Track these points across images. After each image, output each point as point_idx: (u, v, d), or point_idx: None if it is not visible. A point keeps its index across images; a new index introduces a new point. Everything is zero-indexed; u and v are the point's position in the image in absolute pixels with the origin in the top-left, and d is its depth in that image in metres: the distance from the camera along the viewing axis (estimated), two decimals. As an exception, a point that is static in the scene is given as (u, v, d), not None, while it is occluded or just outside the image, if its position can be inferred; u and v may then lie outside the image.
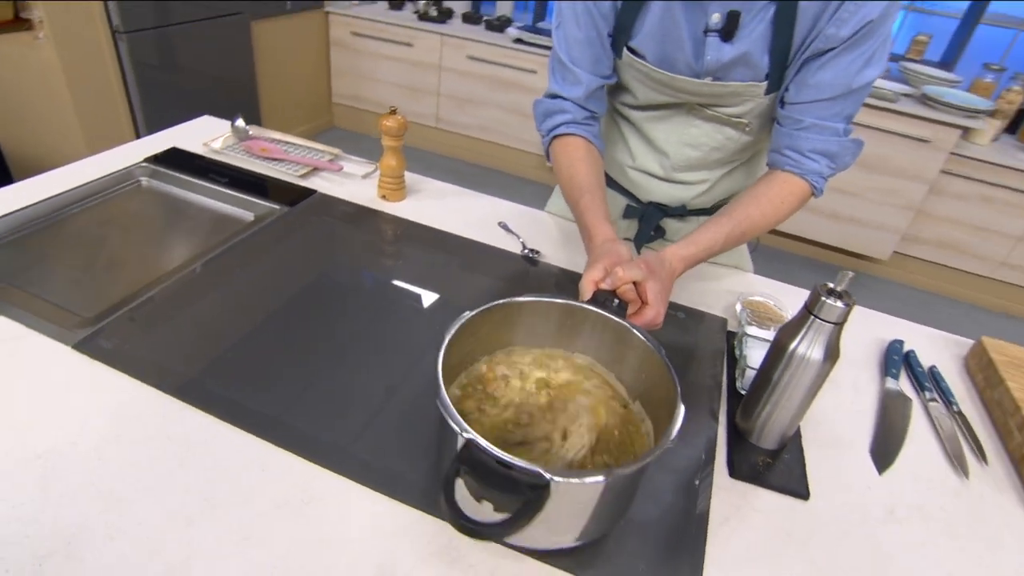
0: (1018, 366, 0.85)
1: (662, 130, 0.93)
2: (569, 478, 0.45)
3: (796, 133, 0.82)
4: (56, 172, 1.04)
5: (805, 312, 0.63)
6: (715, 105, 0.87)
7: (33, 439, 0.59)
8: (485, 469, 0.46)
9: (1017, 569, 0.62)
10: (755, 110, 0.86)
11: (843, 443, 0.74)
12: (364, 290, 0.90)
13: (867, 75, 0.77)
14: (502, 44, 3.15)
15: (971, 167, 2.63)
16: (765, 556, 0.59)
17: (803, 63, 0.78)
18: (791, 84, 0.81)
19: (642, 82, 0.88)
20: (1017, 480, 0.72)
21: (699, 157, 0.94)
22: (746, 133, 0.90)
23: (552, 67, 0.90)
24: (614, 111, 0.99)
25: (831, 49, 0.76)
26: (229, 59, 2.68)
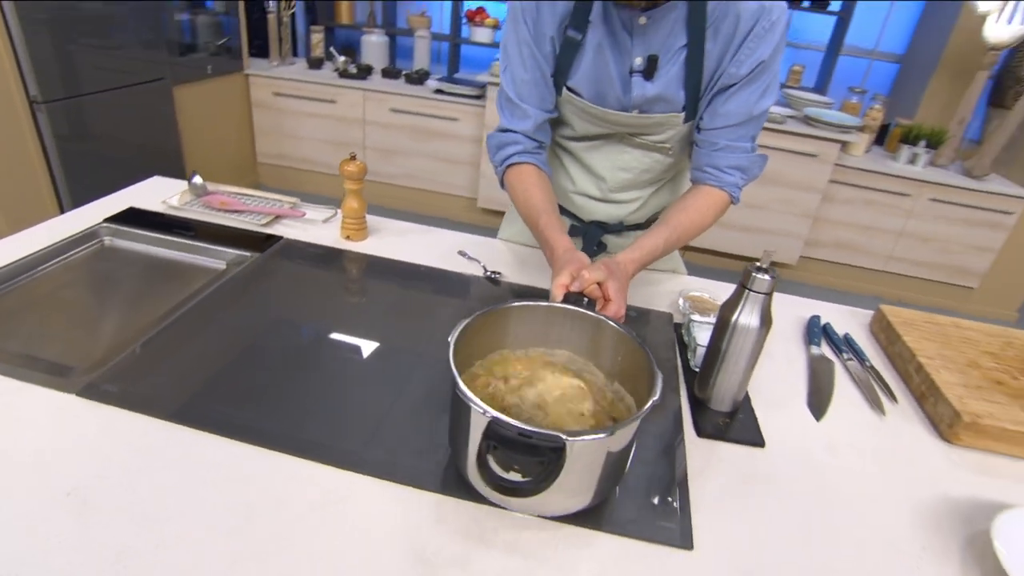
0: (910, 324, 1.02)
1: (598, 157, 1.07)
2: (581, 436, 0.54)
3: (713, 153, 0.97)
4: (5, 240, 1.04)
5: (740, 288, 0.76)
6: (642, 134, 1.01)
7: (58, 479, 0.61)
8: (510, 441, 0.54)
9: (932, 478, 0.76)
10: (675, 136, 1.01)
11: (784, 401, 0.87)
12: (348, 317, 0.96)
13: (764, 104, 0.94)
14: (423, 95, 3.30)
15: (852, 175, 2.99)
16: (737, 495, 0.69)
17: (713, 96, 0.94)
18: (705, 114, 0.96)
19: (579, 116, 1.01)
20: (921, 412, 0.88)
21: (631, 179, 1.08)
22: (669, 156, 1.05)
23: (501, 105, 1.02)
24: (555, 144, 1.12)
25: (734, 84, 0.92)
26: (153, 125, 2.67)
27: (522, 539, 0.61)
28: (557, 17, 0.93)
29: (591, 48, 0.93)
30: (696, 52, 0.91)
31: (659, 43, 0.91)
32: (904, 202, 2.99)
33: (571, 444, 0.53)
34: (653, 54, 0.91)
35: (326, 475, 0.65)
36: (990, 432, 0.80)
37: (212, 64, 3.02)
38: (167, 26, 2.62)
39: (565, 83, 0.98)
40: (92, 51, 2.27)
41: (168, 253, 1.08)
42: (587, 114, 0.99)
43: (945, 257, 3.08)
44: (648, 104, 0.96)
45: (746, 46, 0.89)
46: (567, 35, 0.93)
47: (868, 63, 4.15)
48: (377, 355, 0.86)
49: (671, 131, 1.00)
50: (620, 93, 0.95)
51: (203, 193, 1.23)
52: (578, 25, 0.92)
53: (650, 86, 0.94)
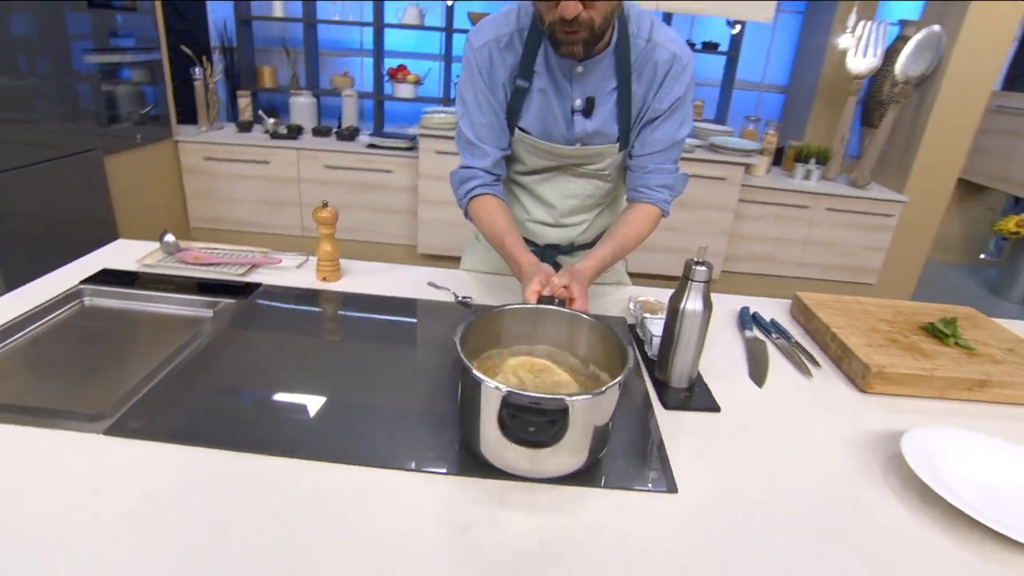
0: (822, 305, 1.21)
1: (547, 188, 1.22)
2: (581, 395, 0.66)
3: (644, 175, 1.14)
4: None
5: (684, 279, 0.91)
6: (584, 164, 1.17)
7: (110, 506, 0.66)
8: (523, 408, 0.65)
9: (854, 420, 0.92)
10: (612, 164, 1.18)
11: (730, 375, 1.02)
12: (342, 344, 1.04)
13: (683, 132, 1.13)
14: (356, 151, 3.41)
15: (758, 193, 3.32)
16: (704, 450, 0.83)
17: (641, 128, 1.13)
18: (635, 143, 1.14)
19: (530, 152, 1.16)
20: (839, 371, 1.05)
21: (578, 204, 1.23)
22: (608, 182, 1.22)
23: (461, 146, 1.16)
24: (510, 180, 1.26)
25: (657, 117, 1.11)
26: (85, 196, 2.64)
27: (536, 499, 0.71)
28: (507, 68, 1.09)
29: (537, 93, 1.09)
30: (624, 93, 1.08)
31: (594, 87, 1.08)
32: (805, 213, 3.35)
33: (572, 403, 0.65)
34: (590, 96, 1.08)
35: (356, 475, 0.73)
36: (892, 378, 0.98)
37: (141, 132, 3.03)
38: (92, 98, 2.62)
39: (517, 124, 1.13)
40: (18, 126, 2.26)
41: (153, 307, 1.13)
42: (537, 149, 1.15)
43: (846, 259, 3.45)
44: (588, 138, 1.13)
45: (664, 86, 1.08)
46: (516, 83, 1.09)
47: (758, 95, 4.64)
48: (376, 372, 0.95)
49: (608, 159, 1.16)
50: (564, 130, 1.12)
51: (175, 250, 1.29)
52: (525, 74, 1.08)
53: (589, 123, 1.11)
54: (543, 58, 1.08)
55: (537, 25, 1.05)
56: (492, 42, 1.08)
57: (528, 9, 1.07)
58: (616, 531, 0.67)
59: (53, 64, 2.40)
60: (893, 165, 3.45)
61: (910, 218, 3.34)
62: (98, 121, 2.68)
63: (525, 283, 0.96)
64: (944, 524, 0.72)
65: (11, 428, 0.76)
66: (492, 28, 1.09)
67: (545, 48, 1.07)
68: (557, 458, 0.70)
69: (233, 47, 4.26)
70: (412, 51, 4.58)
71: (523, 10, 1.08)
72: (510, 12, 1.10)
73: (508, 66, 1.09)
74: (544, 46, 1.07)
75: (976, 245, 4.56)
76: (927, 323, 1.14)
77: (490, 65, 1.09)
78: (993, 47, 3.05)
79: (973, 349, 1.08)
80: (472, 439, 0.73)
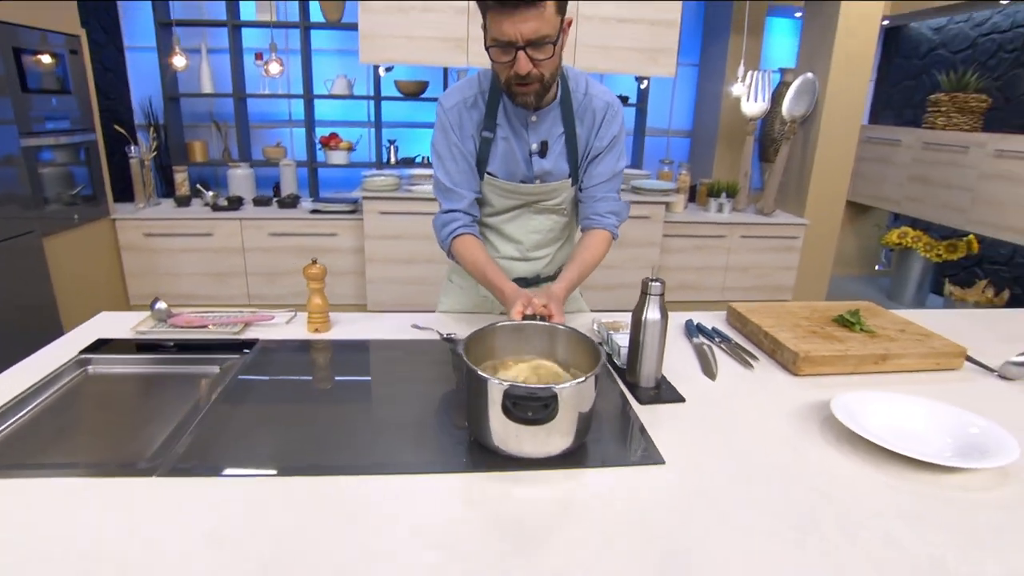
0: (753, 311, 1.43)
1: (513, 226, 1.40)
2: (565, 384, 0.82)
3: (593, 204, 1.36)
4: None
5: (643, 295, 1.10)
6: (543, 200, 1.37)
7: (191, 532, 0.74)
8: (523, 398, 0.80)
9: (791, 397, 1.12)
10: (566, 199, 1.38)
11: (686, 375, 1.20)
12: (347, 381, 1.15)
13: (620, 165, 1.36)
14: (299, 217, 3.51)
15: (679, 228, 3.65)
16: (678, 431, 0.99)
17: (587, 164, 1.35)
18: (584, 177, 1.36)
19: (497, 193, 1.35)
20: (774, 361, 1.26)
21: (540, 239, 1.42)
22: (564, 216, 1.41)
23: (439, 193, 1.34)
24: (481, 223, 1.43)
25: (600, 154, 1.33)
26: (25, 281, 2.59)
27: (538, 477, 0.85)
28: (474, 123, 1.29)
29: (501, 141, 1.30)
30: (571, 136, 1.31)
31: (546, 132, 1.30)
32: (722, 242, 3.70)
33: (560, 390, 0.81)
34: (543, 140, 1.30)
35: (385, 483, 0.84)
36: (817, 360, 1.19)
37: (78, 212, 3.01)
38: (23, 180, 2.60)
39: (486, 170, 1.32)
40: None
41: (158, 369, 1.20)
42: (503, 190, 1.34)
43: (763, 280, 3.82)
44: (545, 175, 1.34)
45: (602, 128, 1.32)
46: (483, 135, 1.29)
47: (667, 140, 5.10)
48: (383, 399, 1.07)
49: (564, 194, 1.37)
50: (525, 170, 1.32)
51: (167, 316, 1.35)
52: (489, 127, 1.29)
53: (545, 162, 1.32)
54: (503, 112, 1.29)
55: (496, 86, 1.26)
56: (460, 103, 1.29)
57: (487, 75, 1.29)
58: (616, 495, 0.82)
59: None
60: (792, 193, 3.90)
61: (812, 238, 3.77)
62: (33, 204, 2.66)
63: (510, 305, 1.13)
64: (866, 459, 0.92)
65: (71, 480, 0.82)
66: (459, 92, 1.30)
67: (504, 104, 1.28)
68: (552, 438, 0.85)
69: (160, 123, 4.29)
70: (342, 119, 4.75)
71: (483, 76, 1.31)
72: (472, 79, 1.31)
73: (475, 122, 1.29)
74: (503, 103, 1.28)
75: (871, 258, 5.11)
76: (837, 315, 1.38)
77: (460, 121, 1.29)
78: (857, 87, 3.58)
79: (874, 332, 1.32)
80: (482, 432, 0.87)
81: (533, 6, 1.07)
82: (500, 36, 1.10)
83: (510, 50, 1.11)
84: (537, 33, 1.09)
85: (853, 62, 3.53)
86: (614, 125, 1.33)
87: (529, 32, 1.08)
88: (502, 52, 1.13)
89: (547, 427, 0.84)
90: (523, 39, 1.09)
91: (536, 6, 1.07)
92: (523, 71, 1.12)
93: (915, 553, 0.73)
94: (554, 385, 0.82)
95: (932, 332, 1.34)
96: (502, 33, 1.10)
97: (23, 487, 0.81)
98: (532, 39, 1.09)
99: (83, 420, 1.05)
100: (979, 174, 3.48)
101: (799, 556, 0.72)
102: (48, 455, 0.94)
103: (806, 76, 3.61)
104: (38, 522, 0.75)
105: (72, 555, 0.69)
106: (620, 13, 3.31)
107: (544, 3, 1.08)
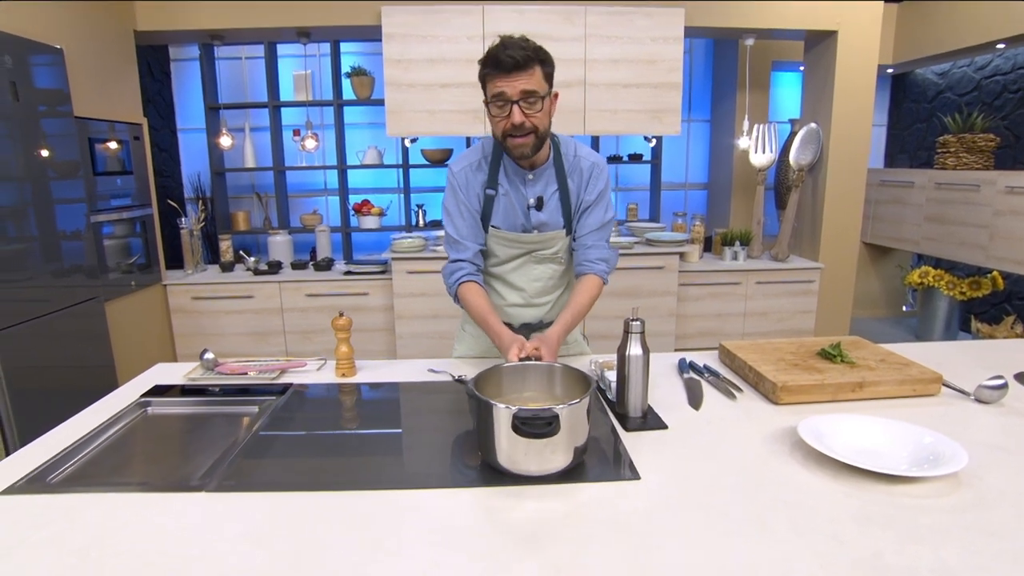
0: (741, 347, 1.54)
1: (517, 276, 1.56)
2: (564, 405, 0.95)
3: (585, 251, 1.53)
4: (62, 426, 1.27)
5: (625, 333, 1.23)
6: (542, 249, 1.53)
7: (231, 537, 0.88)
8: (528, 420, 0.93)
9: (769, 423, 1.22)
10: (562, 248, 1.55)
11: (674, 405, 1.31)
12: (372, 415, 1.31)
13: (608, 215, 1.54)
14: (333, 279, 3.75)
15: (695, 277, 3.76)
16: (655, 455, 1.10)
17: (579, 216, 1.53)
18: (576, 227, 1.53)
19: (501, 244, 1.53)
20: (757, 392, 1.37)
21: (542, 286, 1.57)
22: (561, 264, 1.57)
23: (447, 245, 1.53)
24: (488, 273, 1.60)
25: (589, 207, 1.51)
26: (87, 343, 2.85)
27: (541, 490, 0.98)
28: (479, 183, 1.50)
29: (502, 197, 1.49)
30: (564, 192, 1.50)
31: (542, 188, 1.50)
32: (738, 289, 3.79)
33: (560, 410, 0.94)
34: (540, 195, 1.49)
35: (401, 497, 0.97)
36: (794, 389, 1.29)
37: (135, 279, 3.30)
38: (91, 251, 2.91)
39: (490, 223, 1.51)
40: (27, 282, 2.51)
41: (207, 410, 1.38)
42: (506, 240, 1.52)
43: (782, 324, 3.86)
44: (542, 226, 1.52)
45: (590, 184, 1.51)
46: (486, 193, 1.49)
47: (684, 192, 5.27)
48: (404, 430, 1.21)
49: (560, 243, 1.54)
50: (524, 221, 1.51)
51: (214, 366, 1.54)
52: (492, 185, 1.49)
53: (541, 215, 1.51)
54: (503, 173, 1.50)
55: (497, 151, 1.48)
56: (467, 167, 1.50)
57: (489, 142, 1.51)
58: (602, 506, 0.94)
59: (60, 224, 2.70)
60: (806, 238, 3.99)
61: (829, 281, 3.83)
62: (98, 272, 2.96)
63: (505, 350, 1.29)
64: (829, 473, 1.01)
65: (136, 495, 0.99)
66: (466, 158, 1.52)
67: (504, 165, 1.49)
68: (555, 456, 0.97)
69: (207, 196, 4.67)
70: (373, 187, 5.08)
71: (485, 143, 1.53)
72: (477, 147, 1.54)
73: (479, 182, 1.50)
74: (503, 164, 1.49)
75: (897, 299, 5.09)
76: (820, 349, 1.48)
77: (467, 182, 1.50)
78: (860, 133, 3.72)
79: (853, 363, 1.41)
80: (490, 453, 1.00)
81: (524, 70, 1.31)
82: (497, 93, 1.33)
83: (506, 106, 1.34)
84: (527, 87, 1.32)
85: (854, 110, 3.68)
86: (600, 181, 1.52)
87: (521, 86, 1.32)
88: (499, 107, 1.35)
89: (550, 446, 0.97)
90: (517, 94, 1.32)
91: (526, 70, 1.32)
92: (517, 120, 1.34)
93: (856, 547, 0.82)
94: (555, 406, 0.95)
95: (911, 361, 1.42)
96: (498, 89, 1.33)
97: (98, 500, 0.97)
98: (524, 91, 1.32)
99: (145, 451, 1.22)
100: (993, 211, 3.53)
101: (750, 549, 0.82)
102: (119, 476, 1.10)
103: (810, 126, 3.77)
104: (110, 526, 0.90)
105: (137, 552, 0.85)
106: (625, 79, 3.55)
107: (534, 68, 1.33)
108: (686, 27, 3.52)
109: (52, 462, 1.12)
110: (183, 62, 4.65)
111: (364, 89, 4.18)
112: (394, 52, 3.49)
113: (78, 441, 1.20)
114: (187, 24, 3.50)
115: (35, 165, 2.55)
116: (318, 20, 3.50)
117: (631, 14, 3.46)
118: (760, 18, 3.60)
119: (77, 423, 1.29)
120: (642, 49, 3.51)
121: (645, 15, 3.47)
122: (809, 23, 3.62)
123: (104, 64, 3.15)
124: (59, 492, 1.01)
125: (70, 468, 1.13)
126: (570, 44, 3.46)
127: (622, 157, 4.60)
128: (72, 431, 1.25)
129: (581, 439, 1.02)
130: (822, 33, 3.70)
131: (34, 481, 1.04)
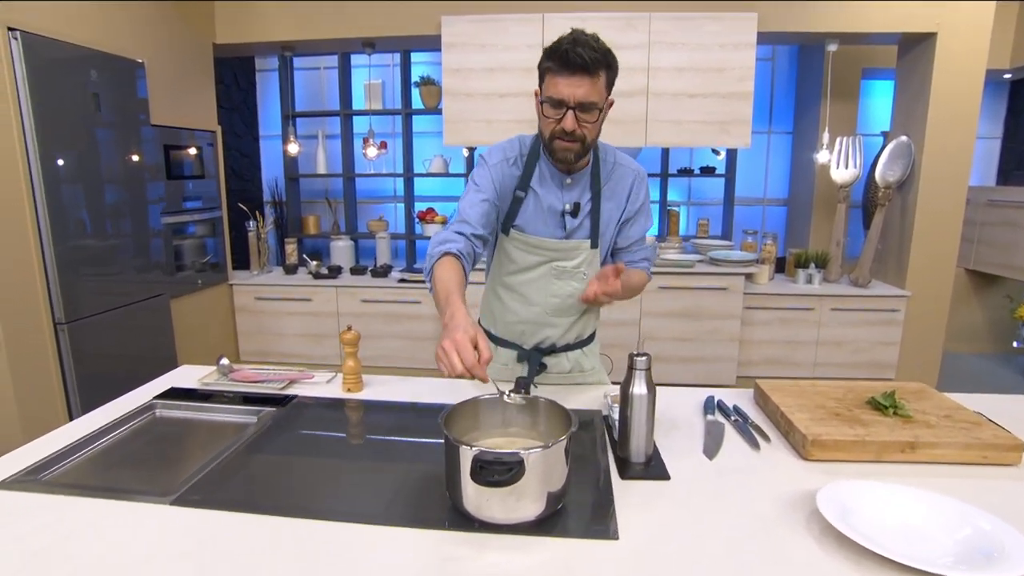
0: (777, 389, 1.37)
1: (533, 288, 1.47)
2: (531, 450, 0.85)
3: (630, 254, 1.52)
4: (82, 419, 1.32)
5: (629, 369, 1.11)
6: (564, 260, 1.45)
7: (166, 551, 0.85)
8: (491, 462, 0.85)
9: (789, 483, 1.05)
10: (584, 262, 1.46)
11: (687, 451, 1.18)
12: (362, 436, 1.25)
13: (649, 224, 1.51)
14: (388, 286, 3.79)
15: (763, 300, 3.50)
16: (645, 511, 0.98)
17: (622, 226, 1.48)
18: (618, 238, 1.50)
19: (521, 248, 1.45)
20: (786, 442, 1.20)
21: (559, 303, 1.47)
22: (582, 281, 1.46)
23: (450, 220, 1.40)
24: (500, 284, 1.52)
25: (632, 216, 1.47)
26: (152, 336, 3.02)
27: (506, 541, 0.88)
28: (512, 181, 1.42)
29: (532, 199, 1.42)
30: (596, 204, 1.43)
31: (578, 195, 1.43)
32: (811, 315, 3.49)
33: (527, 455, 0.84)
34: (576, 201, 1.42)
35: (363, 530, 0.91)
36: (828, 445, 1.12)
37: (202, 278, 3.48)
38: (162, 251, 3.09)
39: (512, 224, 1.43)
40: (105, 277, 2.69)
41: (209, 416, 1.38)
42: (527, 244, 1.44)
43: (860, 356, 3.52)
44: (572, 232, 1.45)
45: (634, 192, 1.46)
46: (515, 194, 1.42)
47: (762, 208, 4.95)
48: (389, 455, 1.15)
49: (583, 255, 1.45)
50: (553, 227, 1.44)
51: (229, 371, 1.55)
52: (523, 187, 1.42)
53: (575, 220, 1.44)
54: (538, 174, 1.42)
55: (534, 150, 1.42)
56: (503, 161, 1.43)
57: (526, 140, 1.45)
58: (568, 567, 0.83)
59: (134, 225, 2.88)
60: (891, 262, 3.62)
61: (917, 311, 3.44)
62: (167, 270, 3.13)
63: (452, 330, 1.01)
64: (850, 557, 0.85)
65: (99, 501, 0.99)
66: (502, 151, 1.44)
67: (539, 167, 1.42)
68: (521, 503, 0.88)
69: (282, 200, 4.88)
70: (438, 195, 5.12)
71: (523, 139, 1.46)
72: (514, 141, 1.46)
73: (512, 179, 1.42)
74: (539, 166, 1.42)
75: (1006, 334, 4.53)
76: (870, 398, 1.29)
77: (501, 176, 1.41)
78: (961, 147, 3.33)
79: (910, 416, 1.21)
80: (456, 496, 0.92)
81: (589, 75, 1.23)
82: (555, 94, 1.26)
83: (561, 108, 1.26)
84: (587, 98, 1.25)
85: (953, 120, 3.30)
86: (643, 190, 1.49)
87: (581, 95, 1.24)
88: (554, 109, 1.28)
89: (515, 493, 0.88)
90: (575, 100, 1.25)
91: (592, 75, 1.23)
92: (569, 128, 1.27)
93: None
94: (521, 450, 0.86)
95: (984, 420, 1.21)
96: (558, 92, 1.25)
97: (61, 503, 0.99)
98: (583, 102, 1.25)
99: (137, 453, 1.24)
100: (1124, 242, 3.05)
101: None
102: (105, 479, 1.13)
103: (900, 139, 3.42)
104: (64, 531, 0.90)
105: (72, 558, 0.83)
106: (691, 88, 3.37)
107: (599, 73, 1.25)
108: (760, 32, 3.29)
109: (51, 459, 1.15)
110: (267, 72, 4.89)
111: (432, 98, 4.21)
112: (453, 61, 3.49)
113: (81, 439, 1.22)
114: (263, 36, 3.67)
115: (115, 170, 2.74)
116: (382, 30, 3.56)
117: (699, 19, 3.28)
118: (845, 21, 3.31)
119: (88, 420, 1.32)
120: (710, 56, 3.31)
121: (714, 20, 3.27)
122: (902, 25, 3.28)
123: (184, 75, 3.35)
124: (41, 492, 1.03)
125: (66, 466, 1.15)
126: (632, 52, 3.32)
127: (693, 170, 4.39)
128: (81, 428, 1.28)
129: (556, 485, 0.91)
130: (918, 36, 3.35)
131: (24, 478, 1.07)
